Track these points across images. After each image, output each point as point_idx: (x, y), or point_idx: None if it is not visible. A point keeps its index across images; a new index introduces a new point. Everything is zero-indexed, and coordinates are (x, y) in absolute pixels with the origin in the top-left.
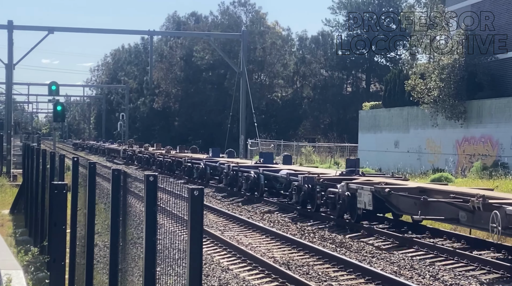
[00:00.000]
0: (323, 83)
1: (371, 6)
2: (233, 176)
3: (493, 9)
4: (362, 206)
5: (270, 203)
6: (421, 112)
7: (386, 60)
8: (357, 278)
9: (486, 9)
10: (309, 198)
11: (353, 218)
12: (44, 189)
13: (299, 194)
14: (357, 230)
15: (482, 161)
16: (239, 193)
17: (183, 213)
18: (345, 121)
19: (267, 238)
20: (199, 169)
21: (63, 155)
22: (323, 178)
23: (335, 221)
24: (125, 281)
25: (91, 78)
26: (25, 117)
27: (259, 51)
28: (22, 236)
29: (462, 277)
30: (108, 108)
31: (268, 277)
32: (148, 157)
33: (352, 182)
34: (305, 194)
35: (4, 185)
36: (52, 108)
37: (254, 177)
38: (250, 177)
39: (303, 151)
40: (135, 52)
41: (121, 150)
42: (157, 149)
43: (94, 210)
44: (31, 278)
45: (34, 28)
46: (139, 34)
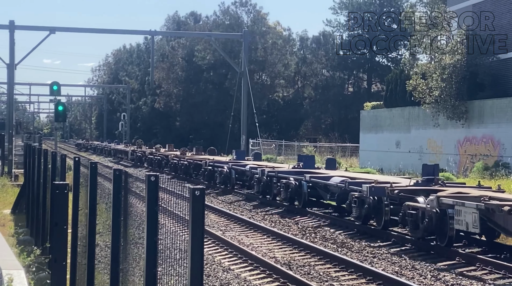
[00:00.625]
0: (325, 83)
1: (372, 6)
2: (267, 183)
3: (494, 9)
4: (463, 228)
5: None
6: (423, 112)
7: (387, 60)
8: (359, 278)
9: (487, 9)
10: (374, 212)
11: (443, 241)
12: (45, 189)
13: (361, 208)
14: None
15: (484, 161)
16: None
17: (185, 213)
18: (347, 121)
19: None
20: (223, 173)
21: (64, 155)
22: (398, 189)
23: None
24: (126, 281)
25: (93, 78)
26: (27, 117)
27: (260, 51)
28: (24, 236)
29: None
30: (110, 108)
31: None
32: (160, 159)
33: (444, 195)
34: (370, 208)
35: (6, 185)
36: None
37: (295, 184)
38: (290, 185)
39: (305, 151)
40: (137, 52)
41: (129, 151)
42: (169, 150)
43: (95, 210)
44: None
45: (35, 28)
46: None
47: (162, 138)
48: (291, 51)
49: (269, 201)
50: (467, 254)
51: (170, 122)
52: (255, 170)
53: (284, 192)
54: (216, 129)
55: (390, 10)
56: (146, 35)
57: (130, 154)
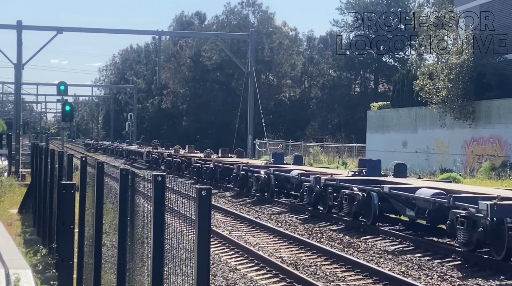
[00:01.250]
0: (331, 83)
1: (379, 6)
2: (320, 193)
3: (501, 10)
4: None
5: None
6: (429, 112)
7: (394, 60)
8: (365, 278)
9: (494, 9)
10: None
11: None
12: (52, 188)
13: (470, 232)
14: None
15: (491, 162)
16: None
17: (191, 213)
18: (353, 121)
19: None
20: (260, 179)
21: (71, 155)
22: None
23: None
24: (132, 280)
25: (100, 78)
26: (34, 117)
27: (267, 51)
28: (31, 235)
29: None
30: (117, 108)
31: None
32: (180, 162)
33: None
34: (486, 231)
35: (13, 185)
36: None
37: (362, 197)
38: (356, 197)
39: (311, 151)
40: (145, 51)
41: (144, 152)
42: (190, 151)
43: (102, 210)
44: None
45: (43, 28)
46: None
47: (168, 138)
48: (298, 51)
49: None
50: None
51: (176, 122)
52: (306, 177)
53: (347, 205)
54: (222, 129)
55: (397, 10)
56: (153, 35)
57: (146, 156)
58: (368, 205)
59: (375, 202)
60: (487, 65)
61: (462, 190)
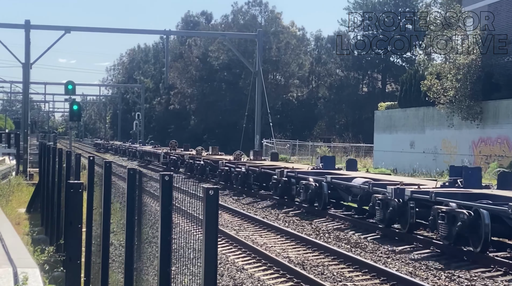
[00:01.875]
0: (339, 83)
1: (387, 6)
2: (398, 208)
3: (510, 9)
4: None
5: None
6: (437, 112)
7: (402, 60)
8: (372, 279)
9: (503, 9)
10: None
11: None
12: (60, 188)
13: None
14: None
15: (499, 162)
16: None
17: (199, 213)
18: (361, 121)
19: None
20: (310, 188)
21: (79, 154)
22: None
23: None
24: (140, 280)
25: (107, 77)
26: (42, 116)
27: (274, 51)
28: (38, 234)
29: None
30: (124, 108)
31: None
32: (203, 165)
33: None
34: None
35: (21, 184)
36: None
37: (469, 216)
38: (460, 217)
39: (318, 151)
40: (153, 51)
41: (161, 153)
42: (214, 153)
43: (109, 209)
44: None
45: (51, 28)
46: (155, 34)
47: (175, 137)
48: (305, 51)
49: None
50: None
51: (184, 121)
52: (380, 187)
53: (445, 226)
54: (230, 128)
55: (405, 10)
56: (160, 34)
57: (163, 158)
58: (476, 227)
59: (486, 220)
60: (495, 65)
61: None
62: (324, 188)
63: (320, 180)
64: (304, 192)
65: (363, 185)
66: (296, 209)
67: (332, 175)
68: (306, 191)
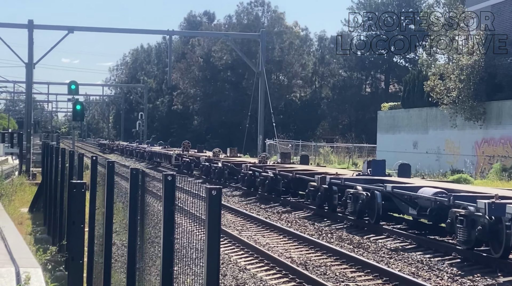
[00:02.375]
0: (342, 83)
1: (390, 6)
2: (491, 226)
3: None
4: None
5: None
6: (440, 113)
7: (405, 61)
8: (375, 279)
9: (506, 10)
10: None
11: None
12: (63, 187)
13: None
14: None
15: (502, 163)
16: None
17: (201, 213)
18: (364, 121)
19: None
20: (361, 198)
21: (82, 154)
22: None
23: None
24: (142, 280)
25: (110, 77)
26: (45, 116)
27: (278, 51)
28: (41, 234)
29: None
30: (127, 108)
31: None
32: (221, 168)
33: None
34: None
35: (24, 184)
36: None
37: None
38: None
39: (321, 151)
40: (155, 51)
41: (172, 155)
42: (232, 155)
43: (112, 209)
44: (50, 277)
45: (54, 28)
46: (158, 34)
47: (178, 137)
48: (308, 51)
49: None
50: None
51: (187, 121)
52: (462, 201)
53: (352, 205)
54: (233, 129)
55: (409, 10)
56: (164, 34)
57: (175, 159)
58: None
59: None
60: (499, 65)
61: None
62: (378, 198)
63: (375, 188)
64: (352, 203)
65: (439, 197)
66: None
67: (392, 184)
68: (355, 202)
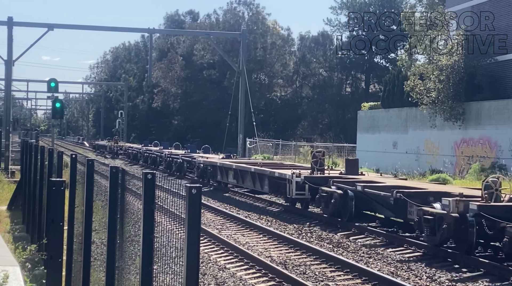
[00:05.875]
0: (322, 83)
1: (372, 6)
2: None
3: (493, 11)
4: None
5: None
6: (420, 113)
7: (385, 61)
8: (354, 278)
9: (486, 10)
10: None
11: None
12: (42, 185)
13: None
14: None
15: (480, 163)
16: None
17: (181, 211)
18: (344, 121)
19: None
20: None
21: (61, 152)
22: None
23: None
24: (122, 278)
25: (90, 75)
26: (24, 114)
27: (259, 51)
28: (20, 232)
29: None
30: (107, 106)
31: None
32: (261, 174)
33: None
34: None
35: (2, 181)
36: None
37: None
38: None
39: (301, 150)
40: (135, 50)
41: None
42: (274, 166)
43: (91, 208)
44: (28, 275)
45: (34, 25)
46: (139, 32)
47: (158, 135)
48: (290, 50)
49: None
50: None
51: (166, 120)
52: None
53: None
54: (213, 127)
55: (390, 10)
56: (144, 33)
57: (196, 168)
58: None
59: None
60: (478, 66)
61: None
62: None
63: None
64: (436, 229)
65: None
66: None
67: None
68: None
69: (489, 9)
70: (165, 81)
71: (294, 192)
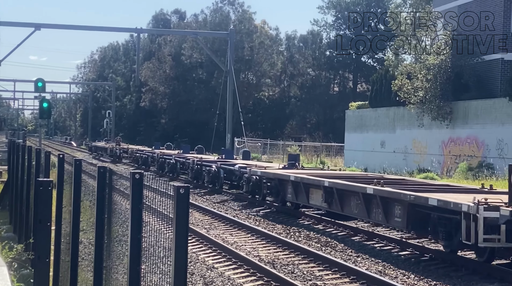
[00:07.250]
0: (310, 82)
1: (359, 6)
2: None
3: (480, 10)
4: None
5: None
6: (408, 112)
7: (373, 61)
8: (342, 277)
9: (473, 10)
10: None
11: None
12: (29, 185)
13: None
14: None
15: (468, 162)
16: None
17: (169, 211)
18: (332, 120)
19: None
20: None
21: (48, 152)
22: None
23: None
24: (109, 278)
25: (78, 75)
26: (11, 114)
27: (247, 50)
28: (7, 232)
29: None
30: (95, 106)
31: None
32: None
33: None
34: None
35: None
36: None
37: None
38: None
39: (289, 150)
40: (123, 49)
41: None
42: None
43: (79, 208)
44: (15, 275)
45: (20, 25)
46: (126, 32)
47: (146, 135)
48: (278, 50)
49: None
50: None
51: (154, 120)
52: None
53: None
54: (201, 127)
55: (378, 10)
56: (132, 32)
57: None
58: None
59: None
60: (465, 66)
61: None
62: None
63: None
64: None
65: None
66: None
67: None
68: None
69: (476, 8)
70: (153, 80)
71: (482, 236)
